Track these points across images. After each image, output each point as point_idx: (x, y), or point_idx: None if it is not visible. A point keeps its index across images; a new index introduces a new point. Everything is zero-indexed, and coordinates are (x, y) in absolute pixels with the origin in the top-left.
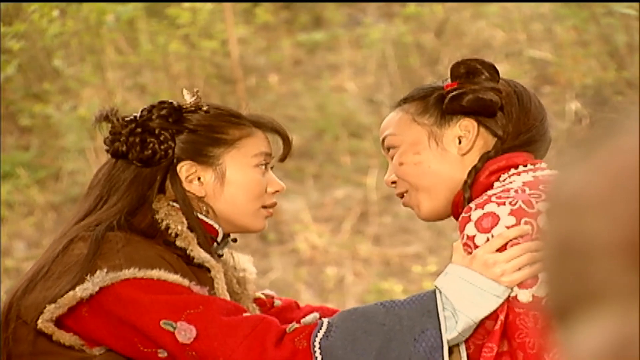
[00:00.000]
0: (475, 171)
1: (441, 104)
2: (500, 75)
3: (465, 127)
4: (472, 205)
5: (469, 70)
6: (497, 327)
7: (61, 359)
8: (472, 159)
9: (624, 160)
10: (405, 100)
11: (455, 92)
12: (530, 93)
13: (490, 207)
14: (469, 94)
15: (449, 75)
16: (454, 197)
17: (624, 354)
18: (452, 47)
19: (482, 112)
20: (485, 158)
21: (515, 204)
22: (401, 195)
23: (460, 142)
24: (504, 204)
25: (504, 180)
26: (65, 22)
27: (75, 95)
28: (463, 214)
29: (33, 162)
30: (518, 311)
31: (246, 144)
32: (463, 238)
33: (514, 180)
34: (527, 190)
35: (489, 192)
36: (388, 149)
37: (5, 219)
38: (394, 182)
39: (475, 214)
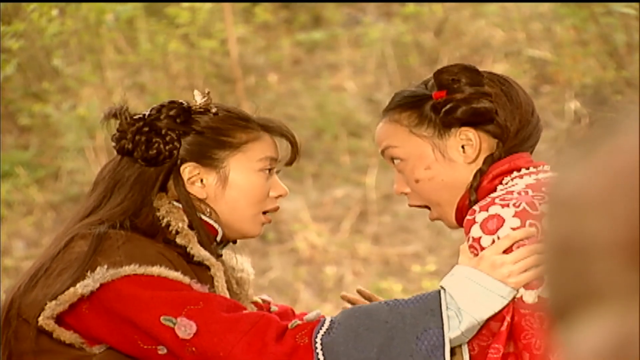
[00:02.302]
0: (480, 174)
1: (436, 115)
2: (487, 71)
3: (466, 136)
4: (476, 207)
5: (454, 78)
6: (504, 328)
7: (62, 357)
8: (479, 163)
9: (624, 160)
10: (392, 108)
11: (447, 106)
12: (516, 86)
13: (495, 209)
14: (462, 106)
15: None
16: (457, 202)
17: (624, 353)
18: (451, 46)
19: (479, 121)
20: (490, 160)
21: (519, 206)
22: (414, 206)
23: (464, 151)
24: (507, 205)
25: (506, 184)
26: (64, 22)
27: (74, 95)
28: (468, 217)
29: (32, 161)
30: (524, 312)
31: (252, 148)
32: (469, 240)
33: (517, 183)
34: (530, 192)
35: (492, 195)
36: (392, 159)
37: (4, 218)
38: (405, 193)
39: (480, 216)
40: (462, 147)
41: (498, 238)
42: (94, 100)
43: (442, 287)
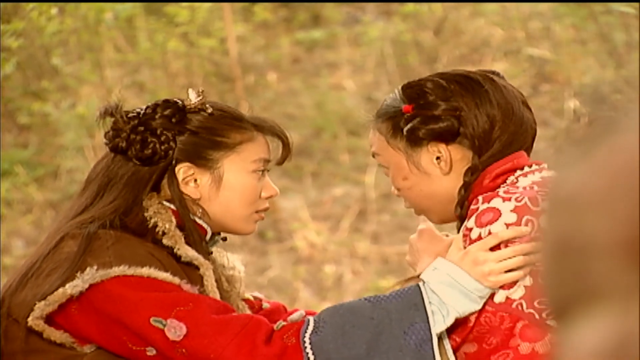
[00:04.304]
0: (464, 188)
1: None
2: (463, 74)
3: (437, 149)
4: (479, 197)
5: (419, 93)
6: (472, 324)
7: (52, 356)
8: (458, 172)
9: (623, 159)
10: (377, 116)
11: (408, 126)
12: (490, 91)
13: (495, 202)
14: (422, 128)
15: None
16: (439, 209)
17: (623, 353)
18: (450, 45)
19: (442, 139)
20: (470, 172)
21: (521, 200)
22: (409, 208)
23: (439, 163)
24: (509, 199)
25: (511, 183)
26: (63, 20)
27: (73, 93)
28: (472, 206)
29: (31, 160)
30: (487, 309)
31: (246, 149)
32: (463, 228)
33: (521, 180)
34: (536, 188)
35: (499, 189)
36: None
37: (3, 216)
38: (398, 195)
39: (481, 207)
40: (437, 158)
41: (489, 233)
42: (93, 98)
43: (422, 280)
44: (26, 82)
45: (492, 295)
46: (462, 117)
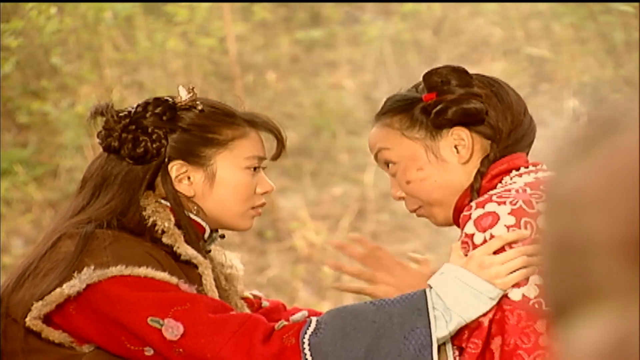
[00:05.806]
0: (480, 176)
1: (426, 117)
2: (477, 73)
3: (458, 136)
4: (472, 204)
5: (443, 80)
6: (486, 324)
7: (51, 356)
8: (474, 164)
9: (623, 158)
10: (384, 113)
11: (438, 108)
12: (506, 87)
13: (491, 207)
14: (452, 107)
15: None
16: (456, 202)
17: (623, 351)
18: (450, 44)
19: (470, 122)
20: (487, 162)
21: (515, 204)
22: (414, 211)
23: (458, 151)
24: (504, 203)
25: (506, 183)
26: (63, 19)
27: (73, 93)
28: (464, 213)
29: (31, 159)
30: (504, 307)
31: (239, 146)
32: (461, 236)
33: (516, 182)
34: (529, 191)
35: (491, 192)
36: (386, 164)
37: (3, 216)
38: (401, 198)
39: (476, 213)
40: (455, 147)
41: (492, 236)
42: (93, 98)
43: (429, 286)
44: (25, 81)
45: (507, 294)
46: (485, 104)
